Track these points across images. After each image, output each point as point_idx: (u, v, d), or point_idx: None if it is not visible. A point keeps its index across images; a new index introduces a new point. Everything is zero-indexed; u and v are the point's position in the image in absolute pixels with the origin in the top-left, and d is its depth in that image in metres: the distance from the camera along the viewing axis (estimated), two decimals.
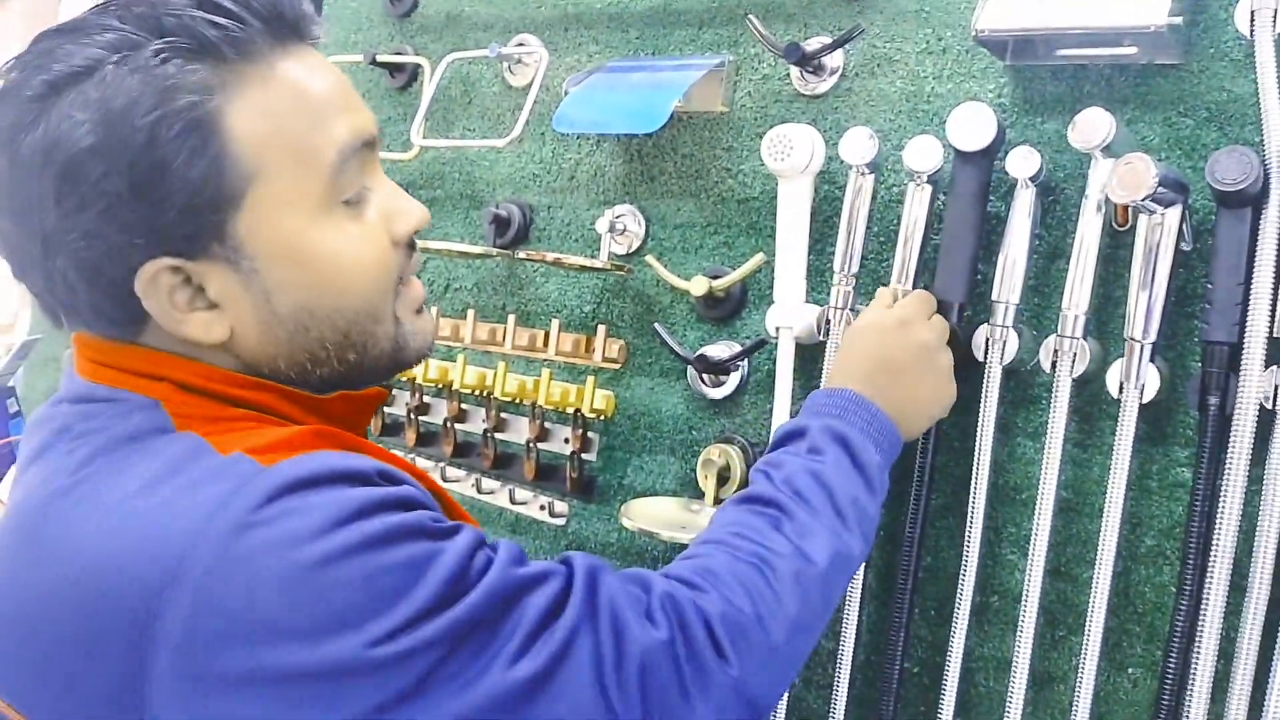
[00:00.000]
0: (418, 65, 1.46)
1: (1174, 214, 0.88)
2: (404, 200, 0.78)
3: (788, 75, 1.16)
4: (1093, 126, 0.89)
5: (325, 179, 0.71)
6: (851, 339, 0.95)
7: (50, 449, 0.71)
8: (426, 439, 1.44)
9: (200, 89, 0.66)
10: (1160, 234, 0.88)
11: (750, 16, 1.12)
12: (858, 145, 1.02)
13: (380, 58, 1.47)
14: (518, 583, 0.66)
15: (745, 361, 1.16)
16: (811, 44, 1.11)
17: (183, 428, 0.68)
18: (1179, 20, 0.89)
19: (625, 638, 0.66)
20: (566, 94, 1.27)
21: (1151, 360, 0.89)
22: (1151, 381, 0.89)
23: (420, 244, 0.82)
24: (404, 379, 1.41)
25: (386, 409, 1.48)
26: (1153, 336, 0.89)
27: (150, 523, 0.62)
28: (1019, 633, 0.93)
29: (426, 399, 1.44)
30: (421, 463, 1.43)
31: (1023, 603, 0.93)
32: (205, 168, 0.66)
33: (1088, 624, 0.90)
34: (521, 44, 1.37)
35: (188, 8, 0.66)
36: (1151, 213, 0.88)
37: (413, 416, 1.43)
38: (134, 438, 0.68)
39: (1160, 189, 0.83)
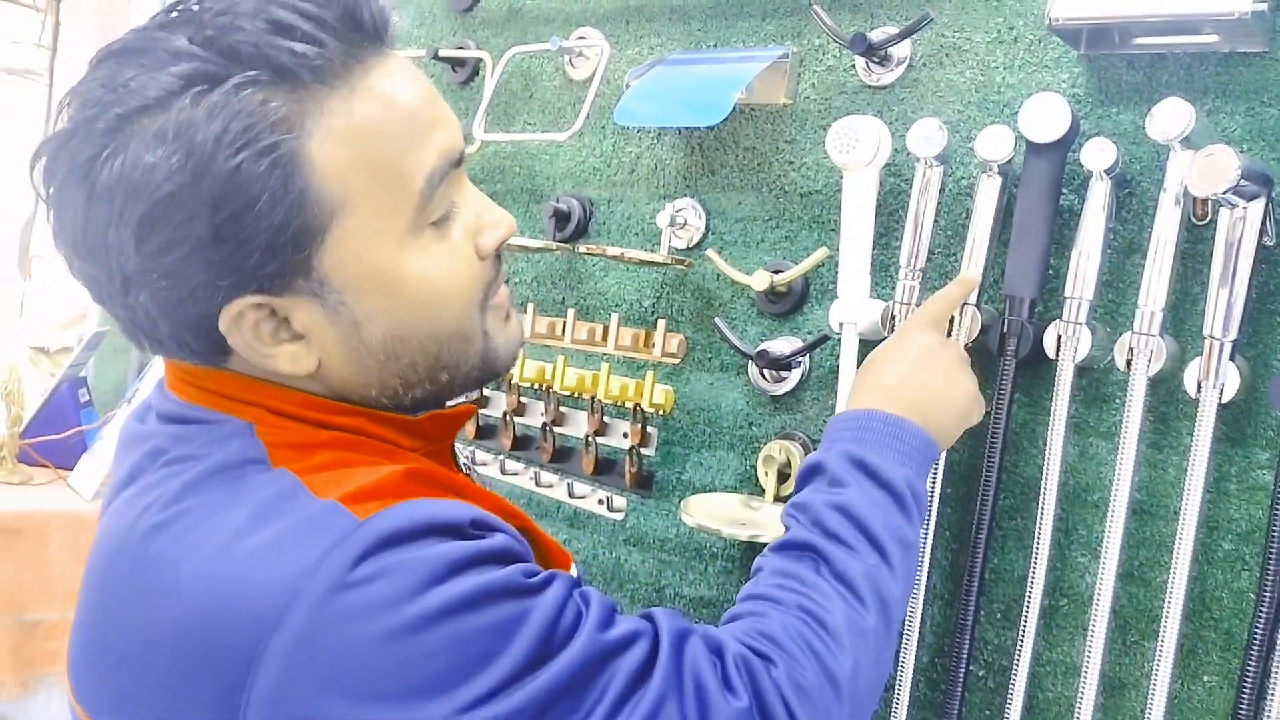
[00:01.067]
0: (479, 60, 1.47)
1: (1257, 208, 0.85)
2: (490, 212, 0.76)
3: (853, 66, 1.14)
4: (1171, 117, 0.86)
5: (413, 205, 0.68)
6: (858, 376, 0.93)
7: (143, 473, 0.71)
8: (486, 432, 1.44)
9: (282, 124, 0.63)
10: (1242, 228, 0.85)
11: (815, 7, 1.10)
12: (926, 137, 1.00)
13: (442, 52, 1.48)
14: (605, 648, 0.65)
15: (807, 357, 1.15)
16: (878, 34, 1.09)
17: (278, 462, 0.68)
18: (1263, 6, 0.86)
19: (709, 708, 0.65)
20: (628, 87, 1.27)
21: (1231, 359, 0.86)
22: (1231, 381, 0.86)
23: None
24: None
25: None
26: (1233, 334, 0.86)
27: (246, 574, 0.62)
28: (1089, 637, 0.91)
29: (486, 392, 1.45)
30: (480, 455, 1.44)
31: (1093, 606, 0.91)
32: (289, 206, 0.64)
33: (1162, 629, 0.87)
34: (583, 37, 1.37)
35: (263, 32, 0.62)
36: (1233, 206, 0.85)
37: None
38: (229, 468, 0.68)
39: (1243, 182, 0.81)
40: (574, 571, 0.82)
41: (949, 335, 0.98)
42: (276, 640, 0.59)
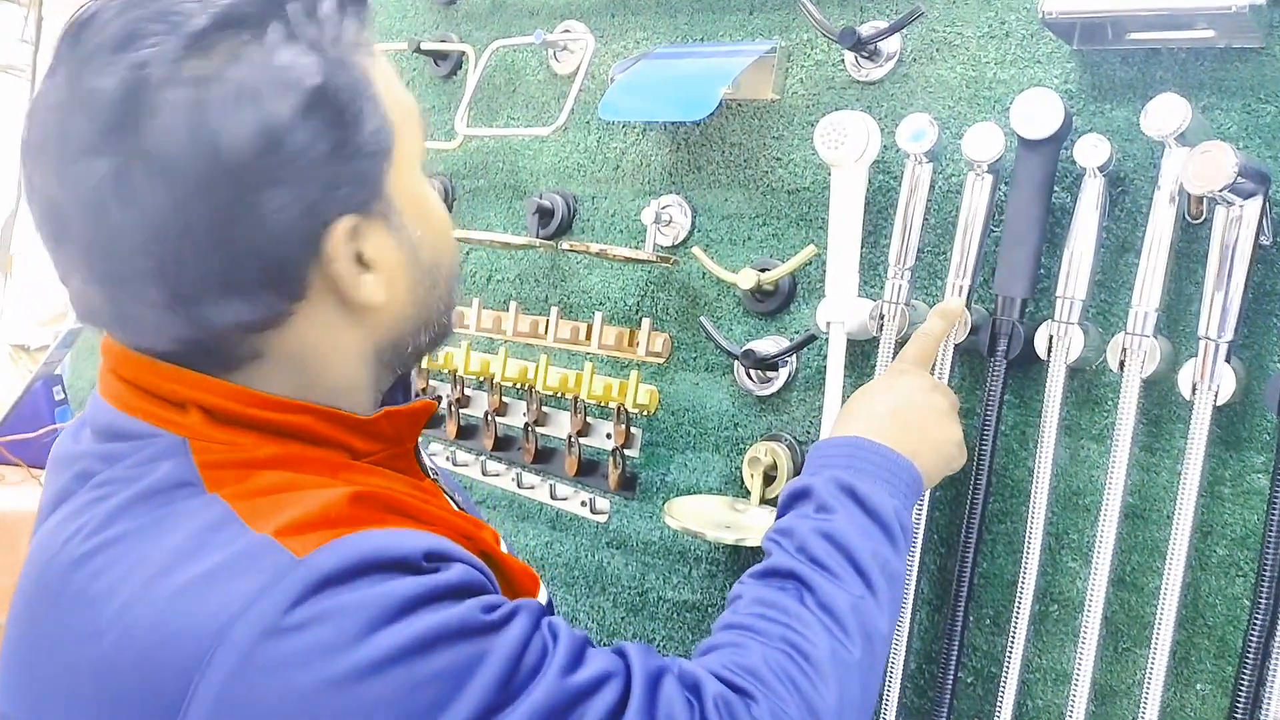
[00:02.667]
0: (462, 53, 1.44)
1: (1253, 206, 0.83)
2: None
3: (842, 61, 1.12)
4: (1166, 113, 0.85)
5: (421, 140, 0.73)
6: (845, 406, 0.91)
7: (71, 496, 0.68)
8: (467, 432, 1.42)
9: (365, 46, 0.67)
10: (1238, 227, 0.83)
11: (803, 0, 1.08)
12: (916, 133, 0.98)
13: (425, 45, 1.46)
14: (572, 692, 0.61)
15: (794, 357, 1.13)
16: (867, 28, 1.07)
17: (213, 485, 0.64)
18: (1261, 1, 0.84)
19: None
20: (613, 81, 1.25)
21: (1227, 360, 0.85)
22: (1227, 382, 0.85)
23: (462, 234, 0.82)
24: (446, 370, 1.40)
25: None
26: (1229, 335, 0.84)
27: (166, 620, 0.58)
28: (1080, 644, 0.89)
29: (468, 392, 1.42)
30: (461, 456, 1.41)
31: (1084, 612, 0.89)
32: (377, 121, 0.66)
33: (1154, 636, 0.86)
34: (567, 30, 1.35)
35: None
36: (1229, 204, 0.83)
37: (453, 409, 1.41)
38: (159, 493, 0.64)
39: (1239, 179, 0.79)
40: (543, 595, 0.78)
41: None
42: (202, 692, 0.55)
